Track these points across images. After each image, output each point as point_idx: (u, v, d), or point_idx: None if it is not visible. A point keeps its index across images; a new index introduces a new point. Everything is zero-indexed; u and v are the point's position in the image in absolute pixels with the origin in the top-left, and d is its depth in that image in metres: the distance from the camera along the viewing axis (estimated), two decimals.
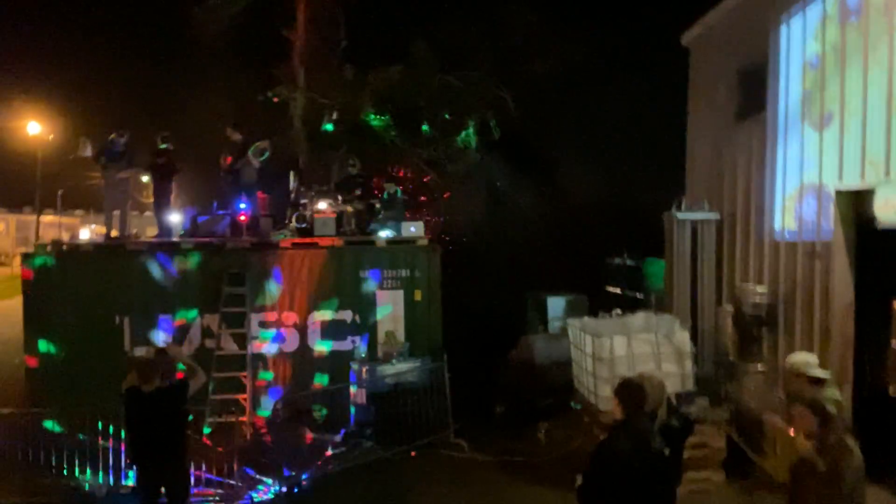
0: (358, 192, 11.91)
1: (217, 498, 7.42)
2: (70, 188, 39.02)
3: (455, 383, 9.43)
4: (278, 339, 10.17)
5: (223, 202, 11.98)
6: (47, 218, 40.62)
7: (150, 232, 13.67)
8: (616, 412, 4.24)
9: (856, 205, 7.57)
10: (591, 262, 14.01)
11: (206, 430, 8.74)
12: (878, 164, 7.01)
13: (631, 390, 4.21)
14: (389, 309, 10.35)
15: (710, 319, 8.89)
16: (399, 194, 12.52)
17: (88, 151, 11.02)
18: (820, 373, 5.14)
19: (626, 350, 7.41)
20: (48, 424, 8.28)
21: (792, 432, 4.67)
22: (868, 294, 7.49)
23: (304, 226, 11.60)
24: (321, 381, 10.00)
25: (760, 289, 8.57)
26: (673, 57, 12.14)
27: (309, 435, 8.85)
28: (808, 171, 8.23)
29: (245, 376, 9.58)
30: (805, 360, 5.19)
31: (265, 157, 11.08)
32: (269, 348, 10.11)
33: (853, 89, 7.44)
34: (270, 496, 7.57)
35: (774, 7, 9.03)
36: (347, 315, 10.30)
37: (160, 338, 9.65)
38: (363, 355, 10.02)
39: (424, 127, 15.76)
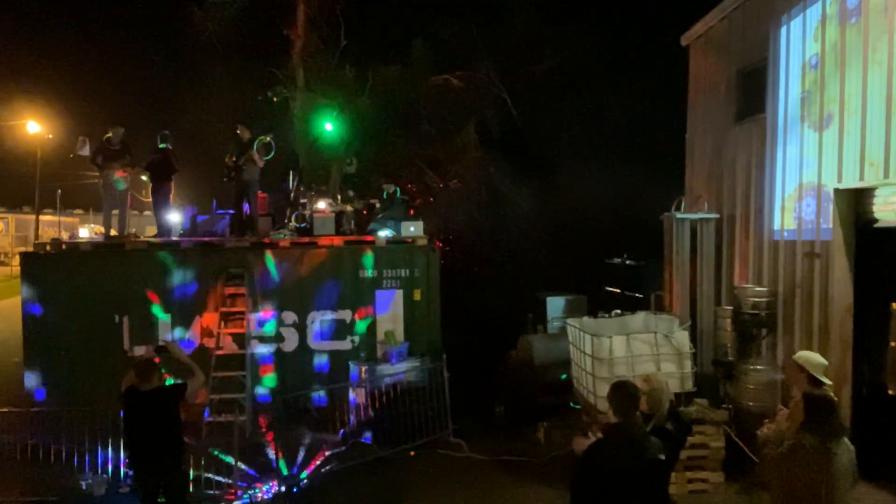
0: (351, 193, 11.92)
1: (216, 498, 7.41)
2: (69, 187, 39.04)
3: (454, 383, 9.43)
4: (277, 338, 10.17)
5: (226, 201, 11.99)
6: (46, 217, 40.60)
7: (150, 231, 13.69)
8: (609, 415, 4.19)
9: (855, 205, 7.58)
10: (591, 263, 14.01)
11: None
12: (878, 165, 7.02)
13: (623, 394, 4.13)
14: (389, 309, 10.36)
15: (709, 319, 8.88)
16: (399, 194, 12.52)
17: (86, 150, 11.02)
18: (824, 378, 5.11)
19: (626, 350, 7.41)
20: (47, 424, 8.27)
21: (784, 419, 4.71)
22: (867, 294, 7.50)
23: (303, 225, 11.62)
24: (320, 380, 10.00)
25: (759, 289, 8.57)
26: (673, 57, 12.14)
27: (308, 435, 8.86)
28: (808, 172, 8.23)
29: (244, 376, 9.59)
30: (815, 359, 5.12)
31: (271, 155, 11.09)
32: (268, 347, 10.12)
33: (853, 90, 7.44)
34: (270, 496, 7.57)
35: (774, 7, 9.03)
36: (347, 315, 10.31)
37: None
38: (362, 355, 10.03)
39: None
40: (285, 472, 7.86)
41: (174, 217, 12.35)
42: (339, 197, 12.02)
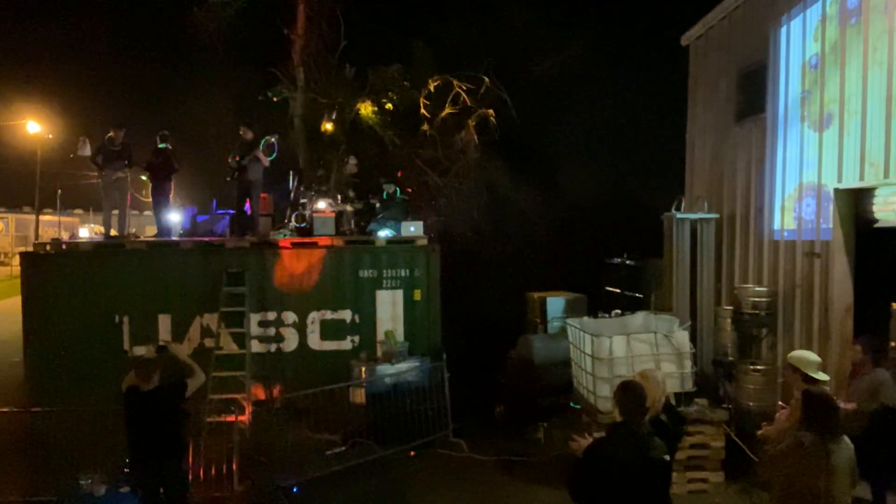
0: (351, 195, 11.91)
1: (217, 497, 7.40)
2: (69, 187, 39.04)
3: (454, 383, 9.43)
4: (277, 338, 10.17)
5: (227, 200, 11.99)
6: (46, 217, 40.59)
7: (150, 231, 13.69)
8: (615, 414, 4.20)
9: (855, 205, 7.59)
10: (591, 262, 14.01)
11: None
12: (878, 165, 7.02)
13: (630, 394, 4.14)
14: (389, 309, 10.35)
15: (709, 319, 8.89)
16: (399, 194, 12.52)
17: (88, 151, 11.02)
18: (818, 375, 5.13)
19: (626, 350, 7.41)
20: (47, 424, 8.26)
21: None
22: (867, 294, 7.50)
23: (303, 225, 11.62)
24: (320, 380, 9.99)
25: (759, 289, 8.57)
26: (673, 57, 12.15)
27: (308, 435, 8.86)
28: (808, 172, 8.24)
29: (244, 376, 9.58)
30: (807, 358, 5.16)
31: (274, 155, 11.12)
32: (267, 347, 10.12)
33: (853, 90, 7.45)
34: (270, 496, 7.56)
35: (774, 7, 9.04)
36: (347, 315, 10.31)
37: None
38: (362, 355, 10.03)
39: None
40: (285, 471, 7.85)
41: (174, 217, 12.34)
42: (339, 197, 12.01)
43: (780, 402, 5.95)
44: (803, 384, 4.91)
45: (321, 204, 11.66)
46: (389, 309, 10.36)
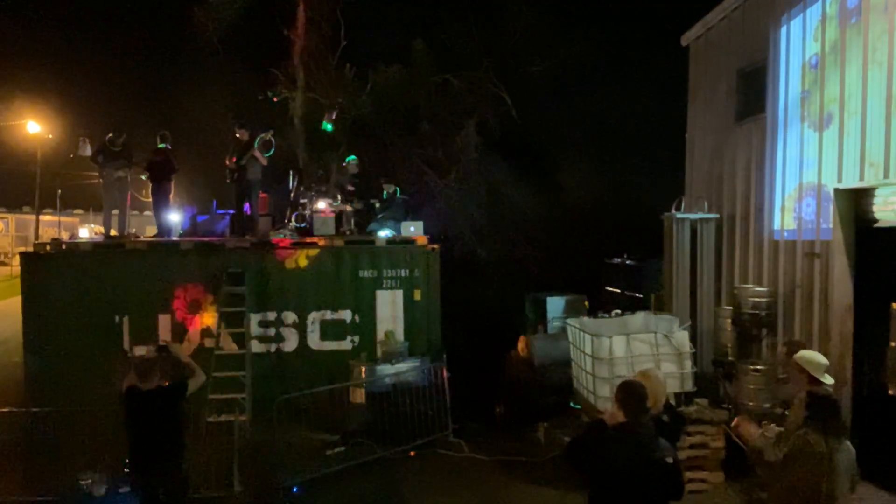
0: (351, 188, 11.91)
1: (217, 498, 7.40)
2: (69, 188, 39.02)
3: (455, 383, 9.43)
4: (277, 338, 10.17)
5: (227, 201, 11.99)
6: (46, 217, 40.57)
7: (150, 231, 13.69)
8: (617, 415, 4.15)
9: (855, 205, 7.58)
10: (591, 262, 14.02)
11: None
12: (878, 165, 7.02)
13: (632, 394, 4.10)
14: (389, 309, 10.35)
15: (709, 319, 8.88)
16: (399, 194, 12.53)
17: (88, 151, 11.03)
18: (825, 378, 5.09)
19: (626, 350, 7.40)
20: (47, 424, 8.27)
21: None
22: (867, 294, 7.49)
23: (303, 225, 11.63)
24: (320, 380, 9.99)
25: (759, 289, 8.57)
26: (673, 57, 12.15)
27: (308, 435, 8.86)
28: (808, 172, 8.23)
29: (244, 376, 9.58)
30: (816, 360, 5.09)
31: (272, 151, 11.10)
32: (267, 348, 10.12)
33: (853, 90, 7.44)
34: (270, 496, 7.56)
35: (774, 7, 9.03)
36: (346, 315, 10.31)
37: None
38: (362, 355, 10.03)
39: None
40: (285, 472, 7.85)
41: (174, 217, 12.34)
42: (339, 197, 12.02)
43: (764, 422, 5.85)
44: (808, 385, 4.89)
45: (321, 204, 11.67)
46: (389, 309, 10.36)
